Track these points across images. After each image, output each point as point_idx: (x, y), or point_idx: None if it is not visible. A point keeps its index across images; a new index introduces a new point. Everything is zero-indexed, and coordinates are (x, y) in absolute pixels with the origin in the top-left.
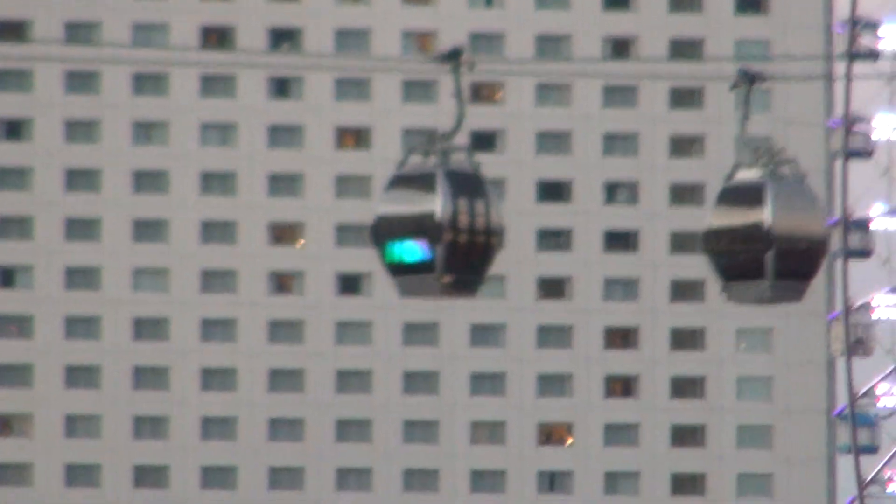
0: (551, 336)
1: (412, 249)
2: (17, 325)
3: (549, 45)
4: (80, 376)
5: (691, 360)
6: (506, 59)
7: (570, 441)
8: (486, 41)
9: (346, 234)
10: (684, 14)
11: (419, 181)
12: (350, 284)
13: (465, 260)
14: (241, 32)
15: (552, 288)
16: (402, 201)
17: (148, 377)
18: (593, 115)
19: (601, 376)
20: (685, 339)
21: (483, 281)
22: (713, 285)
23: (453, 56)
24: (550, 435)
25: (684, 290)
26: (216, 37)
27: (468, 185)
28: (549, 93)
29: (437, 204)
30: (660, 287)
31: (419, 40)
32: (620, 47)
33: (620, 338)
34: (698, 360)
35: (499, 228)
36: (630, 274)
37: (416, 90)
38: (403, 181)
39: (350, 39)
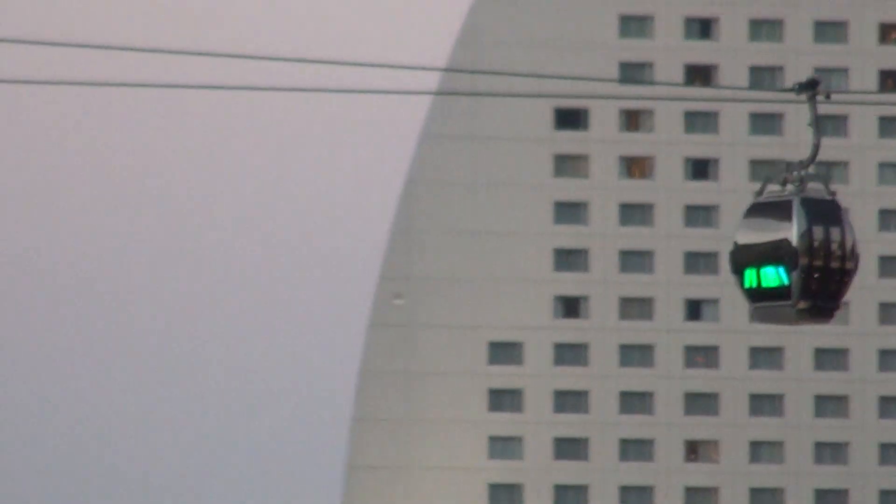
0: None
1: (769, 275)
2: (704, 356)
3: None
4: (763, 404)
5: None
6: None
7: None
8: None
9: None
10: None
11: (776, 209)
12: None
13: (819, 285)
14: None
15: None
16: (759, 229)
17: (828, 405)
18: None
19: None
20: None
21: (838, 307)
22: None
23: (810, 86)
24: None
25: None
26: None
27: (824, 212)
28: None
29: (792, 231)
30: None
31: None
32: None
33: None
34: None
35: (854, 255)
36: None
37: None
38: (760, 209)
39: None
